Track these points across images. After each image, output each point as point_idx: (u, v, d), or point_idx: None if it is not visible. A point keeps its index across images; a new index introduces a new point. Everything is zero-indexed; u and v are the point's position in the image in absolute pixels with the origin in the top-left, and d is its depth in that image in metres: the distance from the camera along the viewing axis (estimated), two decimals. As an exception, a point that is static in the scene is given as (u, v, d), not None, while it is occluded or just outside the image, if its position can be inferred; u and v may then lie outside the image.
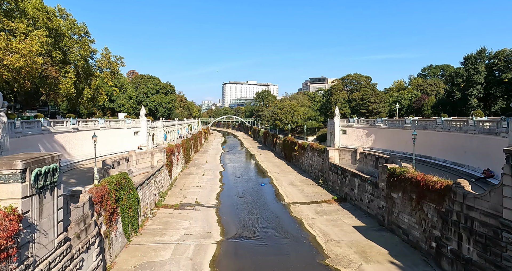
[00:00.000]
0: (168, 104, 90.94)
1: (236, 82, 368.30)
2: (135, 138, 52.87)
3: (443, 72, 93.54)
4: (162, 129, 66.94)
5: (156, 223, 25.81)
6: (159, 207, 30.41)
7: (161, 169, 35.23)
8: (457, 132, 35.08)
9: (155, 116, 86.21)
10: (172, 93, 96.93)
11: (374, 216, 26.51)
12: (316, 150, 45.31)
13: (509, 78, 53.87)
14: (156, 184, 32.02)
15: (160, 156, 37.34)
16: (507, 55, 55.77)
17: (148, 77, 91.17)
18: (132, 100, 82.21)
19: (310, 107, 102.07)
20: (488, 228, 14.46)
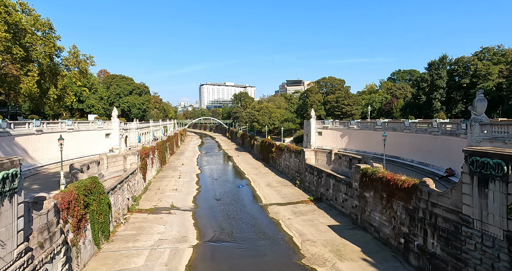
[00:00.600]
0: (142, 105, 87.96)
1: (214, 84, 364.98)
2: (107, 140, 50.51)
3: (410, 76, 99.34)
4: (136, 131, 64.55)
5: (129, 228, 24.81)
6: (132, 212, 29.28)
7: (134, 173, 33.96)
8: (422, 134, 37.33)
9: (128, 117, 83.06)
10: (147, 94, 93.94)
11: (348, 215, 27.41)
12: (293, 151, 46.04)
13: (467, 83, 58.41)
14: (129, 188, 30.80)
15: (134, 159, 36.02)
16: (465, 62, 60.48)
17: (121, 77, 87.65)
18: (104, 101, 78.56)
19: (287, 109, 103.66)
20: (450, 223, 15.50)
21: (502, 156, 12.76)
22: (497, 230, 12.93)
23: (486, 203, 13.44)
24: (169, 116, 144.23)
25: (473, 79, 57.90)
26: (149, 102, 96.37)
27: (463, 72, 60.02)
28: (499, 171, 12.77)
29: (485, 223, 13.51)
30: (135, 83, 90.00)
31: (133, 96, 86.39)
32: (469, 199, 14.33)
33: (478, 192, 13.82)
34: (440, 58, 62.45)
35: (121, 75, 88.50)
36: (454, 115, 59.91)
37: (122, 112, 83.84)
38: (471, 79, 58.22)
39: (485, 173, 13.43)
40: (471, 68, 59.06)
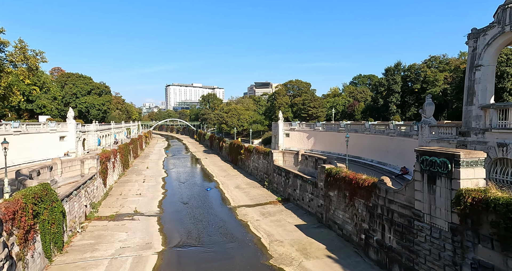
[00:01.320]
0: (103, 106, 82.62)
1: (180, 84, 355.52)
2: (61, 143, 46.55)
3: (370, 81, 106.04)
4: (95, 133, 60.44)
5: (87, 237, 23.13)
6: (90, 219, 27.37)
7: (93, 178, 31.78)
8: (381, 135, 39.98)
9: (86, 119, 77.51)
10: (107, 94, 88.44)
11: (314, 214, 28.35)
12: (261, 153, 46.48)
13: (419, 88, 63.98)
14: (87, 195, 28.73)
15: (93, 163, 33.72)
16: (417, 69, 66.28)
17: (78, 75, 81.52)
18: (57, 101, 72.45)
19: (255, 111, 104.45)
20: (404, 218, 16.79)
21: (446, 155, 14.14)
22: (443, 222, 14.28)
23: (434, 198, 14.79)
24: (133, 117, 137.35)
25: (423, 84, 63.62)
26: (110, 103, 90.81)
27: (415, 78, 65.66)
28: (445, 169, 14.13)
29: (433, 216, 14.85)
30: (94, 82, 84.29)
31: (91, 96, 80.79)
32: (420, 195, 15.65)
33: (428, 188, 15.16)
34: (395, 64, 67.65)
35: (78, 74, 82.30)
36: (408, 117, 65.10)
37: (80, 113, 78.02)
38: (422, 84, 63.92)
39: (433, 171, 14.78)
40: (422, 74, 64.85)
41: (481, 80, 19.49)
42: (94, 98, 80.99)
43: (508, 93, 43.69)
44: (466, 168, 13.54)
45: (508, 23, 17.69)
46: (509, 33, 17.90)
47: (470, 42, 20.19)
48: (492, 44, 18.89)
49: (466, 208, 12.95)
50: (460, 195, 13.23)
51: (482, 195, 12.52)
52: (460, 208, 13.20)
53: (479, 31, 19.56)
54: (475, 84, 19.75)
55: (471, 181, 13.58)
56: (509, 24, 17.66)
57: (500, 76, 42.74)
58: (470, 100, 20.02)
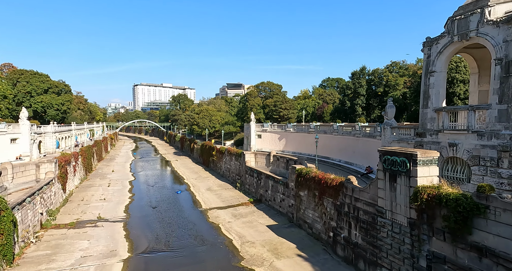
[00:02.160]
0: (62, 105, 76.81)
1: (149, 84, 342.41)
2: (13, 146, 42.49)
3: (338, 84, 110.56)
4: (54, 135, 56.01)
5: (42, 248, 21.37)
6: (47, 228, 25.34)
7: (50, 183, 29.47)
8: (348, 136, 41.82)
9: (43, 120, 71.59)
10: (68, 94, 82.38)
11: (285, 214, 28.81)
12: (233, 154, 46.28)
13: (382, 91, 68.02)
14: (43, 201, 26.52)
15: (50, 167, 31.21)
16: (380, 73, 70.44)
17: (32, 73, 74.96)
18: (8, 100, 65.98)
19: (227, 112, 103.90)
20: (369, 215, 17.68)
21: (406, 155, 15.15)
22: (402, 218, 15.27)
23: (395, 196, 15.76)
24: (97, 118, 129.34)
25: (386, 88, 67.74)
26: (71, 103, 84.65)
27: (378, 82, 69.71)
28: (404, 167, 15.13)
29: (394, 212, 15.82)
30: (52, 80, 78.05)
31: (49, 95, 74.71)
32: (383, 192, 16.59)
33: (389, 186, 16.11)
34: (360, 68, 71.32)
35: (32, 71, 75.66)
36: (372, 119, 68.85)
37: (35, 114, 71.80)
38: (384, 88, 68.01)
39: (394, 170, 15.75)
40: (384, 79, 69.04)
41: (434, 85, 21.20)
42: (52, 98, 75.01)
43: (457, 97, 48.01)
44: (422, 167, 14.61)
45: (456, 33, 19.46)
46: (457, 42, 19.69)
47: (425, 50, 21.88)
48: (443, 52, 20.64)
49: (422, 204, 13.96)
50: (417, 191, 14.24)
51: (436, 191, 13.59)
52: (417, 204, 14.20)
53: (432, 40, 21.28)
54: (429, 89, 21.42)
55: (427, 178, 14.68)
56: (457, 35, 19.43)
57: (451, 81, 46.86)
58: (425, 103, 21.67)
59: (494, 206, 11.45)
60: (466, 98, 45.46)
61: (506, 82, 16.78)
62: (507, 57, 16.75)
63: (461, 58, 45.73)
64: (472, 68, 24.14)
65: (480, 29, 18.05)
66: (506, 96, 16.76)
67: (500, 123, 16.93)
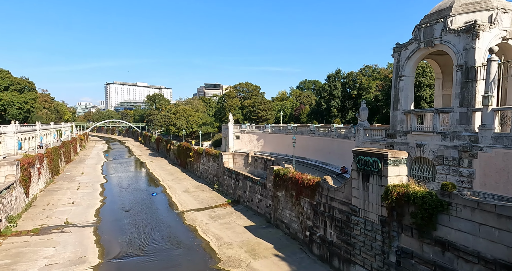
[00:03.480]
0: (25, 104, 71.74)
1: (123, 83, 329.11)
2: (-32, 148, 38.93)
3: (314, 86, 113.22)
4: (15, 136, 52.06)
5: (1, 257, 19.83)
6: (6, 236, 23.58)
7: (11, 187, 27.39)
8: (324, 137, 42.91)
9: (3, 119, 66.36)
10: (31, 91, 77.10)
11: (263, 215, 28.94)
12: (211, 155, 45.74)
13: (356, 94, 70.67)
14: (2, 207, 24.61)
15: (11, 170, 28.99)
16: (354, 76, 73.16)
17: (-8, 68, 69.38)
18: (-37, 97, 60.55)
19: (205, 113, 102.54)
20: (343, 214, 18.24)
21: (377, 155, 15.82)
22: (374, 216, 15.92)
23: (368, 195, 16.39)
24: (65, 118, 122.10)
25: (359, 91, 70.49)
26: (35, 101, 79.25)
27: (352, 84, 72.39)
28: (376, 167, 15.79)
29: (367, 211, 16.45)
30: (14, 77, 72.68)
31: (10, 92, 69.46)
32: (357, 192, 17.19)
33: (363, 186, 16.73)
34: (335, 71, 73.62)
35: (-9, 66, 69.92)
36: (347, 121, 71.28)
37: (-6, 112, 66.43)
38: (358, 91, 70.74)
39: (367, 169, 16.38)
40: (358, 82, 71.82)
41: (404, 89, 22.37)
42: (13, 95, 69.80)
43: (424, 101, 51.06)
44: (393, 167, 15.33)
45: (423, 40, 20.69)
46: (423, 49, 20.94)
47: (395, 55, 23.04)
48: (411, 58, 21.85)
49: (392, 202, 14.65)
50: (388, 190, 14.92)
51: (404, 190, 14.32)
52: (387, 202, 14.88)
53: (402, 45, 22.46)
54: (399, 92, 22.57)
55: (397, 178, 15.42)
56: (423, 41, 20.66)
57: (418, 86, 49.74)
58: (395, 106, 22.80)
59: (456, 202, 12.28)
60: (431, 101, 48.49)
61: (466, 87, 18.10)
62: (466, 64, 18.08)
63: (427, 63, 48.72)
64: (436, 73, 25.78)
65: (444, 37, 19.32)
66: (466, 100, 18.07)
67: (461, 125, 18.22)
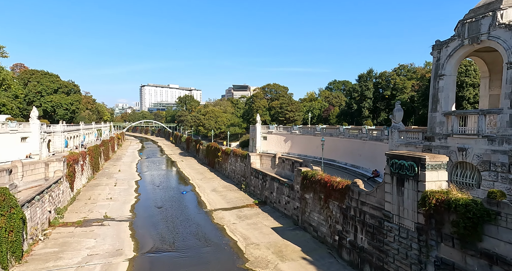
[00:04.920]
0: (71, 105, 78.17)
1: (156, 85, 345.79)
2: (23, 145, 43.28)
3: (344, 86, 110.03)
4: (62, 135, 56.93)
5: (50, 245, 21.65)
6: (55, 226, 25.71)
7: (59, 182, 29.90)
8: (354, 139, 41.52)
9: (53, 119, 72.83)
10: (76, 93, 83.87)
11: (290, 217, 28.67)
12: (239, 155, 46.33)
13: (389, 95, 67.43)
14: (51, 200, 26.92)
15: (59, 166, 31.68)
16: (387, 76, 69.88)
17: (43, 73, 76.53)
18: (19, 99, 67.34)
19: (233, 114, 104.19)
20: (375, 219, 17.48)
21: (414, 159, 14.96)
22: (410, 223, 15.06)
23: (402, 200, 15.56)
24: (104, 118, 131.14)
25: (393, 91, 67.18)
26: (80, 103, 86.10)
27: (385, 85, 69.20)
28: (412, 172, 14.94)
29: (401, 217, 15.61)
30: (62, 80, 79.59)
31: (58, 95, 76.13)
32: (390, 197, 16.40)
33: (397, 191, 15.92)
34: (367, 71, 70.89)
35: (43, 71, 77.26)
36: (379, 122, 68.28)
37: (45, 113, 73.15)
38: (392, 91, 67.46)
39: (401, 174, 15.56)
40: (392, 82, 68.50)
41: (444, 89, 20.93)
42: (62, 97, 76.38)
43: (467, 101, 47.31)
44: (431, 171, 14.40)
45: (467, 37, 19.21)
46: (468, 46, 19.44)
47: (434, 53, 21.65)
48: (453, 56, 20.39)
49: (430, 209, 13.75)
50: (425, 196, 14.04)
51: (444, 196, 13.37)
52: (425, 209, 14.00)
53: (442, 43, 21.05)
54: (439, 92, 21.16)
55: (435, 183, 14.46)
56: (467, 38, 19.19)
57: (460, 85, 46.22)
58: (434, 107, 21.40)
59: (506, 212, 11.22)
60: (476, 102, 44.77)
61: (518, 86, 16.49)
62: (519, 61, 16.47)
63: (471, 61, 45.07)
64: (482, 72, 23.78)
65: (492, 32, 17.79)
66: (518, 101, 16.46)
67: (511, 128, 16.62)
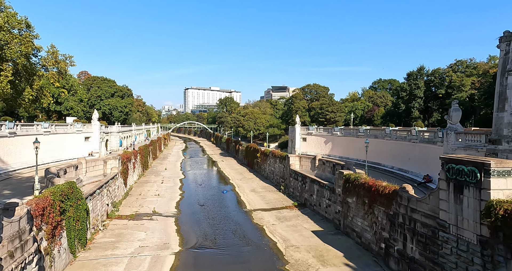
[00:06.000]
0: (125, 108, 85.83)
1: (199, 88, 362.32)
2: (86, 144, 48.68)
3: (390, 85, 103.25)
4: (117, 135, 62.74)
5: (108, 235, 23.87)
6: (111, 218, 28.26)
7: (115, 178, 32.90)
8: (402, 141, 38.70)
9: (109, 120, 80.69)
10: (129, 97, 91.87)
11: (331, 221, 27.76)
12: (277, 157, 46.28)
13: (443, 93, 61.44)
14: (109, 194, 29.75)
15: (115, 163, 34.91)
16: (441, 73, 63.75)
17: (102, 79, 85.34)
18: (83, 103, 75.97)
19: (272, 115, 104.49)
20: (428, 228, 16.05)
21: (475, 164, 13.43)
22: (471, 234, 13.52)
23: (461, 209, 14.05)
24: (153, 120, 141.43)
25: (448, 89, 61.03)
26: (132, 105, 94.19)
27: (439, 83, 63.18)
28: (473, 178, 13.42)
29: (460, 228, 14.10)
30: (118, 85, 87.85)
31: (115, 98, 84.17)
32: (446, 204, 14.93)
33: (454, 198, 14.44)
34: (418, 69, 65.49)
35: (102, 77, 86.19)
36: (431, 123, 62.64)
37: (103, 115, 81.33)
38: (447, 89, 61.34)
39: (460, 180, 14.08)
40: (446, 79, 62.29)
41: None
42: (117, 101, 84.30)
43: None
44: (498, 178, 12.79)
45: (545, 25, 16.68)
46: (546, 35, 16.88)
47: (502, 46, 19.21)
48: (526, 47, 17.88)
49: (497, 221, 12.19)
50: (491, 206, 12.49)
51: (515, 207, 11.76)
52: (490, 220, 12.45)
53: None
54: (507, 90, 18.71)
55: (503, 192, 12.79)
56: (545, 26, 16.65)
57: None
58: (501, 106, 18.98)
59: None
60: (553, 100, 38.56)
61: None
62: None
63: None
64: None
65: None
66: None
67: None
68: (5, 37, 20.74)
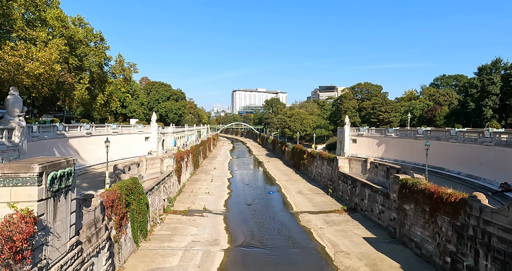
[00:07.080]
0: (178, 110, 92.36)
1: (246, 90, 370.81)
2: (146, 143, 53.61)
3: (456, 82, 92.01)
4: (172, 135, 67.72)
5: (165, 228, 25.82)
6: (167, 212, 30.49)
7: (170, 175, 35.45)
8: (471, 144, 34.16)
9: (165, 122, 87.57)
10: (183, 100, 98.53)
11: (385, 228, 25.84)
12: (325, 158, 44.83)
13: (526, 88, 52.46)
14: (165, 190, 32.20)
15: (170, 162, 37.67)
16: (524, 65, 54.47)
17: (160, 84, 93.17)
18: (144, 106, 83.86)
19: (319, 116, 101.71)
20: (507, 244, 13.86)
21: None
22: None
23: (553, 224, 11.82)
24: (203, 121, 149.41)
25: (533, 84, 51.88)
26: (185, 108, 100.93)
27: (520, 76, 54.07)
28: None
29: (551, 246, 11.86)
30: (173, 89, 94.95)
31: (170, 101, 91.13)
32: (531, 218, 12.72)
33: (543, 211, 12.21)
34: (492, 62, 56.97)
35: (160, 82, 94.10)
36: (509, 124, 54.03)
37: (160, 117, 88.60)
38: (530, 84, 52.22)
39: (551, 190, 11.85)
40: (530, 72, 53.01)
41: None
42: (172, 103, 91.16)
43: None
44: None
45: None
46: None
47: None
48: None
49: None
50: None
51: None
52: None
53: None
54: None
55: None
56: None
57: None
58: None
59: None
60: None
61: None
62: None
63: None
64: None
65: None
66: None
67: None
68: (84, 50, 24.11)
